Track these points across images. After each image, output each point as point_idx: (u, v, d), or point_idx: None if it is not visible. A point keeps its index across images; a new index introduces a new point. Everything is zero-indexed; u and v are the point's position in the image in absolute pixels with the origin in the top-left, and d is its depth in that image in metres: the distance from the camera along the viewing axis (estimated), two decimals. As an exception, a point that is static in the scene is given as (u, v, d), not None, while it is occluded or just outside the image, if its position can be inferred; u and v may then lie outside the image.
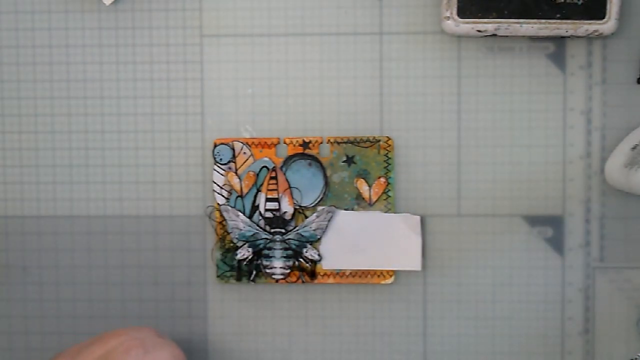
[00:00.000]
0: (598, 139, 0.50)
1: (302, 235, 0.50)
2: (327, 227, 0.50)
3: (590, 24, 0.47)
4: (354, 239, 0.50)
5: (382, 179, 0.50)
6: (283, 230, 0.51)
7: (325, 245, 0.50)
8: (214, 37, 0.51)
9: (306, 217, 0.50)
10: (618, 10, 0.47)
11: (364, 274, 0.51)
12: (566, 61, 0.50)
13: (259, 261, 0.51)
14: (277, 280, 0.51)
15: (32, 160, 0.52)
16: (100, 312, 0.52)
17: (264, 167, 0.50)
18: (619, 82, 0.50)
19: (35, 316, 0.53)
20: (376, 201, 0.50)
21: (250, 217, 0.51)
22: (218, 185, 0.51)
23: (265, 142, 0.50)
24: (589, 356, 0.51)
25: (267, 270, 0.51)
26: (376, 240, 0.50)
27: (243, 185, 0.50)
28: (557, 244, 0.50)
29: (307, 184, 0.50)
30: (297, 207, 0.50)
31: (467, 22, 0.48)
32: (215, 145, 0.50)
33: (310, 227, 0.50)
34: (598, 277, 0.50)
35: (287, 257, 0.51)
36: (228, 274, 0.51)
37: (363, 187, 0.50)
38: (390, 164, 0.50)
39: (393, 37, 0.50)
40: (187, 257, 0.52)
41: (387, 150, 0.50)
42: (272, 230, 0.51)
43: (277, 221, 0.51)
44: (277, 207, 0.50)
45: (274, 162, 0.50)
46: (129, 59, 0.51)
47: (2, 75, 0.52)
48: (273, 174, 0.50)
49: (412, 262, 0.50)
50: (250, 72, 0.51)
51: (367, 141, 0.50)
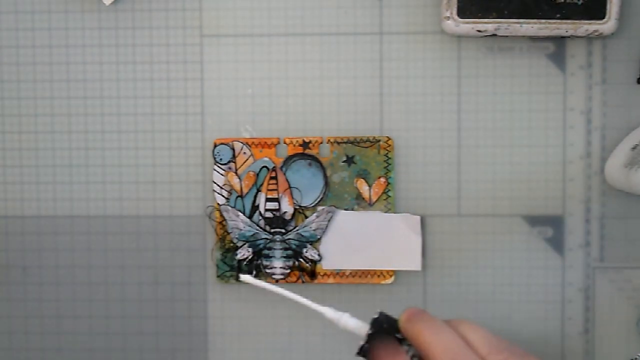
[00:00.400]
0: (598, 139, 0.50)
1: (302, 235, 0.50)
2: (327, 227, 0.50)
3: (590, 24, 0.47)
4: (354, 239, 0.50)
5: (382, 179, 0.50)
6: (283, 230, 0.51)
7: (325, 245, 0.50)
8: (214, 37, 0.51)
9: (306, 217, 0.50)
10: (618, 10, 0.47)
11: (364, 274, 0.51)
12: (566, 61, 0.50)
13: (259, 261, 0.51)
14: (277, 280, 0.51)
15: (32, 160, 0.52)
16: (100, 312, 0.52)
17: (264, 167, 0.50)
18: (619, 82, 0.50)
19: (35, 316, 0.53)
20: (376, 201, 0.50)
21: (250, 217, 0.51)
22: (218, 185, 0.51)
23: (265, 142, 0.50)
24: (589, 356, 0.51)
25: (267, 270, 0.51)
26: (376, 240, 0.50)
27: (243, 185, 0.50)
28: (557, 244, 0.50)
29: (307, 184, 0.50)
30: (297, 207, 0.50)
31: (467, 22, 0.48)
32: (215, 145, 0.50)
33: (310, 227, 0.50)
34: (598, 277, 0.50)
35: (287, 257, 0.51)
36: (228, 274, 0.51)
37: (363, 187, 0.50)
38: (390, 164, 0.50)
39: (393, 37, 0.50)
40: (187, 257, 0.52)
41: (387, 150, 0.50)
42: (272, 230, 0.51)
43: (277, 221, 0.50)
44: (277, 207, 0.50)
45: (274, 162, 0.50)
46: (129, 59, 0.51)
47: (2, 75, 0.52)
48: (273, 174, 0.50)
49: (412, 262, 0.50)
50: (250, 72, 0.51)
51: (367, 141, 0.50)
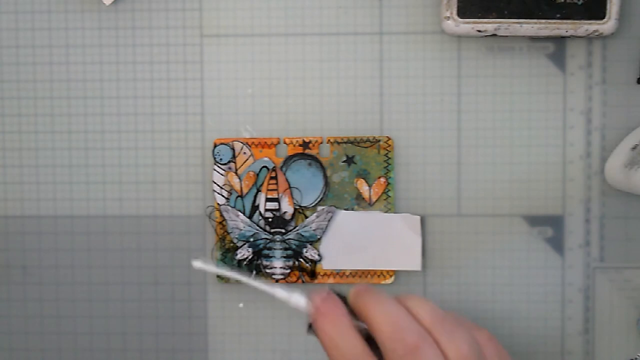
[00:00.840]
0: (598, 139, 0.50)
1: (302, 235, 0.50)
2: (327, 227, 0.50)
3: (590, 24, 0.47)
4: (354, 239, 0.50)
5: (382, 179, 0.50)
6: (283, 230, 0.51)
7: (325, 245, 0.50)
8: (214, 37, 0.51)
9: (306, 217, 0.50)
10: (618, 10, 0.47)
11: (364, 274, 0.51)
12: (566, 61, 0.50)
13: (259, 261, 0.51)
14: (277, 280, 0.51)
15: (32, 160, 0.52)
16: (100, 312, 0.52)
17: (264, 167, 0.50)
18: (619, 82, 0.50)
19: (35, 316, 0.53)
20: (376, 201, 0.50)
21: (250, 217, 0.51)
22: (218, 185, 0.51)
23: (265, 142, 0.50)
24: (589, 356, 0.51)
25: (267, 270, 0.51)
26: (376, 240, 0.50)
27: (243, 185, 0.50)
28: (557, 244, 0.50)
29: (307, 184, 0.50)
30: (297, 207, 0.50)
31: (467, 22, 0.48)
32: (215, 145, 0.50)
33: (310, 227, 0.50)
34: (598, 277, 0.50)
35: (287, 257, 0.51)
36: (228, 274, 0.51)
37: (363, 187, 0.50)
38: (390, 164, 0.50)
39: (393, 37, 0.50)
40: (187, 257, 0.52)
41: (387, 150, 0.50)
42: (272, 230, 0.51)
43: (277, 221, 0.50)
44: (277, 207, 0.50)
45: (274, 162, 0.50)
46: (129, 59, 0.51)
47: (2, 75, 0.52)
48: (273, 174, 0.50)
49: (412, 262, 0.50)
50: (250, 72, 0.51)
51: (367, 141, 0.50)
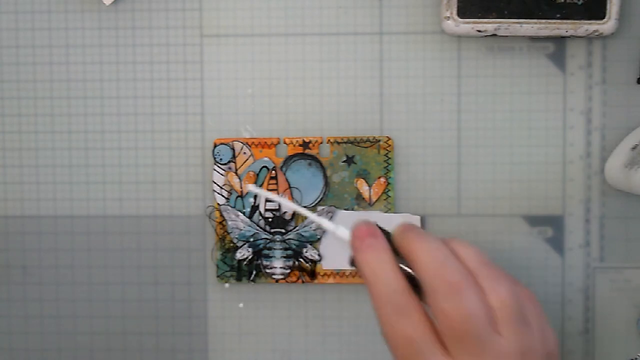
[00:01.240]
0: (598, 139, 0.50)
1: (302, 235, 0.50)
2: (327, 227, 0.50)
3: (590, 24, 0.47)
4: (354, 239, 0.50)
5: (382, 179, 0.50)
6: (283, 230, 0.51)
7: (325, 245, 0.50)
8: (214, 37, 0.51)
9: (306, 217, 0.50)
10: (618, 10, 0.47)
11: (364, 274, 0.50)
12: (566, 61, 0.50)
13: (259, 261, 0.51)
14: (277, 280, 0.51)
15: (32, 160, 0.52)
16: (100, 312, 0.52)
17: (264, 167, 0.50)
18: (619, 82, 0.50)
19: (35, 316, 0.53)
20: (376, 201, 0.50)
21: (250, 217, 0.51)
22: (218, 185, 0.51)
23: (265, 142, 0.50)
24: (589, 356, 0.51)
25: (267, 270, 0.51)
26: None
27: (243, 185, 0.50)
28: (557, 244, 0.50)
29: (307, 184, 0.50)
30: (297, 207, 0.50)
31: (467, 22, 0.48)
32: (215, 145, 0.50)
33: (310, 227, 0.50)
34: (598, 277, 0.50)
35: (287, 257, 0.51)
36: (228, 274, 0.51)
37: (363, 187, 0.50)
38: (390, 164, 0.50)
39: (393, 37, 0.50)
40: (187, 257, 0.52)
41: (387, 150, 0.50)
42: (272, 230, 0.51)
43: (277, 221, 0.50)
44: (277, 207, 0.50)
45: (274, 162, 0.50)
46: (129, 59, 0.51)
47: (2, 75, 0.52)
48: (273, 174, 0.50)
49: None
50: (250, 72, 0.51)
51: (367, 141, 0.50)
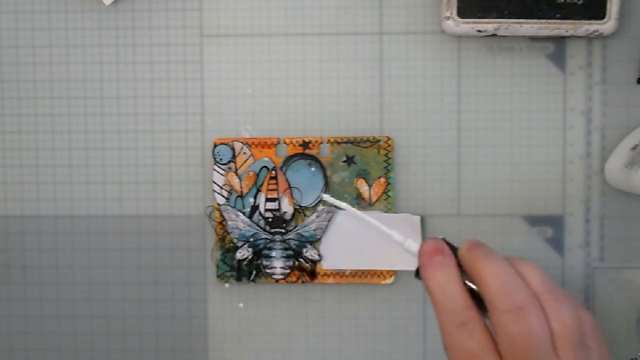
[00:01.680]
0: (598, 139, 0.50)
1: (302, 235, 0.50)
2: (327, 227, 0.50)
3: (590, 24, 0.47)
4: (354, 239, 0.50)
5: (382, 179, 0.50)
6: (283, 230, 0.51)
7: (325, 245, 0.50)
8: (214, 37, 0.51)
9: (306, 217, 0.50)
10: (618, 10, 0.47)
11: (364, 274, 0.50)
12: (566, 61, 0.50)
13: (259, 261, 0.51)
14: (277, 280, 0.51)
15: (32, 160, 0.52)
16: (100, 312, 0.52)
17: (264, 167, 0.50)
18: (619, 82, 0.50)
19: (35, 316, 0.53)
20: (376, 201, 0.50)
21: (250, 217, 0.51)
22: (218, 185, 0.51)
23: (265, 142, 0.50)
24: (589, 356, 0.51)
25: (267, 270, 0.51)
26: (376, 240, 0.50)
27: (243, 185, 0.50)
28: (557, 244, 0.50)
29: (307, 184, 0.50)
30: (297, 207, 0.50)
31: (467, 22, 0.48)
32: (215, 145, 0.50)
33: (310, 227, 0.50)
34: (598, 277, 0.50)
35: (287, 257, 0.51)
36: (228, 274, 0.51)
37: (363, 187, 0.50)
38: (390, 164, 0.50)
39: (393, 37, 0.50)
40: (187, 257, 0.52)
41: (387, 150, 0.50)
42: (272, 230, 0.51)
43: (277, 221, 0.50)
44: (277, 207, 0.50)
45: (274, 162, 0.50)
46: (129, 59, 0.51)
47: (2, 75, 0.52)
48: (273, 174, 0.50)
49: (412, 262, 0.50)
50: (250, 72, 0.51)
51: (367, 141, 0.50)
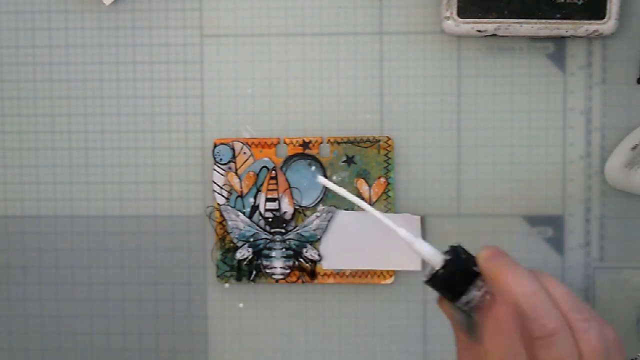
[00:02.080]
0: (598, 139, 0.50)
1: (302, 235, 0.50)
2: (327, 227, 0.50)
3: (590, 24, 0.47)
4: (354, 239, 0.50)
5: (382, 179, 0.50)
6: (283, 230, 0.51)
7: (325, 245, 0.50)
8: (214, 37, 0.51)
9: (306, 217, 0.50)
10: (618, 10, 0.47)
11: (364, 274, 0.50)
12: (566, 61, 0.50)
13: (259, 261, 0.51)
14: (277, 280, 0.51)
15: (32, 160, 0.52)
16: (100, 312, 0.52)
17: (264, 167, 0.50)
18: (619, 82, 0.50)
19: (35, 316, 0.53)
20: (376, 201, 0.50)
21: (250, 217, 0.51)
22: (218, 185, 0.51)
23: (265, 142, 0.50)
24: (589, 356, 0.51)
25: (267, 270, 0.51)
26: (376, 240, 0.50)
27: (243, 185, 0.50)
28: (557, 244, 0.50)
29: (307, 184, 0.50)
30: (297, 207, 0.50)
31: (467, 22, 0.48)
32: (215, 145, 0.50)
33: (310, 227, 0.50)
34: (598, 277, 0.50)
35: (287, 257, 0.51)
36: (228, 274, 0.51)
37: (363, 187, 0.50)
38: (390, 164, 0.50)
39: (393, 37, 0.50)
40: (187, 257, 0.52)
41: (387, 150, 0.50)
42: (272, 230, 0.51)
43: (277, 221, 0.50)
44: (277, 207, 0.50)
45: (274, 162, 0.50)
46: (129, 59, 0.51)
47: (2, 75, 0.52)
48: (273, 174, 0.50)
49: (412, 262, 0.50)
50: (250, 72, 0.51)
51: (367, 141, 0.50)
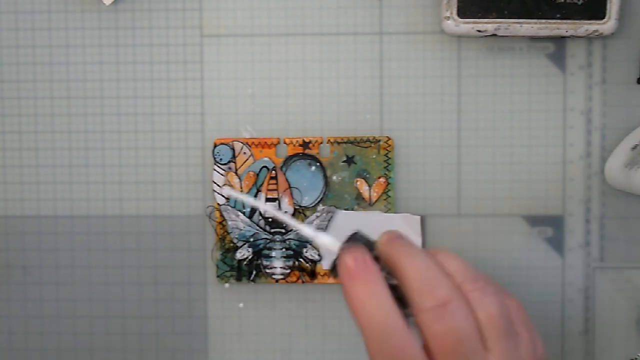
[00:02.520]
0: (598, 139, 0.50)
1: (302, 235, 0.50)
2: (327, 227, 0.50)
3: (590, 24, 0.47)
4: (354, 239, 0.50)
5: (382, 179, 0.50)
6: (283, 230, 0.51)
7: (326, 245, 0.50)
8: (214, 37, 0.51)
9: (306, 217, 0.50)
10: (618, 10, 0.47)
11: (364, 274, 0.50)
12: (566, 61, 0.50)
13: (259, 261, 0.51)
14: (277, 280, 0.51)
15: (32, 160, 0.52)
16: (100, 312, 0.52)
17: (264, 167, 0.50)
18: (619, 82, 0.50)
19: (35, 316, 0.53)
20: (376, 201, 0.50)
21: (250, 217, 0.51)
22: (218, 185, 0.51)
23: (265, 142, 0.50)
24: (589, 356, 0.51)
25: (267, 270, 0.51)
26: (376, 240, 0.50)
27: (243, 185, 0.50)
28: (557, 244, 0.50)
29: (307, 184, 0.50)
30: (297, 207, 0.50)
31: (467, 22, 0.48)
32: (215, 145, 0.50)
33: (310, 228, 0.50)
34: (598, 277, 0.50)
35: (287, 257, 0.51)
36: (228, 274, 0.51)
37: (363, 187, 0.50)
38: (390, 164, 0.50)
39: (393, 37, 0.50)
40: (187, 257, 0.52)
41: (387, 150, 0.50)
42: (272, 230, 0.51)
43: (277, 221, 0.50)
44: (277, 207, 0.50)
45: (274, 162, 0.50)
46: (129, 59, 0.51)
47: (2, 75, 0.52)
48: (273, 174, 0.50)
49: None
50: (250, 72, 0.51)
51: (367, 141, 0.50)
